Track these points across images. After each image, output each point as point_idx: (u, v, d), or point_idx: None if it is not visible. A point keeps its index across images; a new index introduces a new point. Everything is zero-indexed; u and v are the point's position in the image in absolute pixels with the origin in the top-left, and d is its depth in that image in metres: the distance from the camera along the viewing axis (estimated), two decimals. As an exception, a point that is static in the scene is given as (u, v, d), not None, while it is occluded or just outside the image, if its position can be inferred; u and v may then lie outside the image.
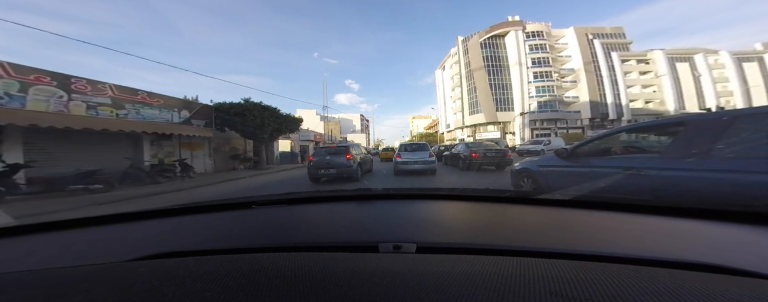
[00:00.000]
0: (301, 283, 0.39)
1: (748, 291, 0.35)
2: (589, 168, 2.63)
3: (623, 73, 39.76)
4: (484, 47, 44.77)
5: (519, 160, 4.33)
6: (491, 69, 43.69)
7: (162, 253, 0.58)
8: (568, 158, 2.86)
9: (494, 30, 44.17)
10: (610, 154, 2.73)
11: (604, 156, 2.77)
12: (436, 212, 0.93)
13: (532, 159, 3.98)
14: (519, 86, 41.15)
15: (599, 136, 2.92)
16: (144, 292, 0.38)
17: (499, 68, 43.79)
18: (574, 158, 2.83)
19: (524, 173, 3.53)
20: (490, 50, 44.60)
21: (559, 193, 0.96)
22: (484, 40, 44.64)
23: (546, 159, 3.60)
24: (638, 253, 0.50)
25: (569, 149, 2.97)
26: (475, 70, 44.41)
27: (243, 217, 0.96)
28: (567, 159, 2.87)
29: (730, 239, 0.61)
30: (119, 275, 0.45)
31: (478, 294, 0.35)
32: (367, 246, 0.59)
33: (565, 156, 2.90)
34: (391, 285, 0.38)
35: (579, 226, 0.75)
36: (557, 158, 3.01)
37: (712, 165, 1.75)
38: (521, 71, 41.39)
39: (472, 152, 9.50)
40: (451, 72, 54.60)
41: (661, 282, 0.37)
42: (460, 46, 49.36)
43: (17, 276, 0.46)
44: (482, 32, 45.20)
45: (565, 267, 0.42)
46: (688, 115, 2.65)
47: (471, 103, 45.91)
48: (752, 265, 0.44)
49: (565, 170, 2.89)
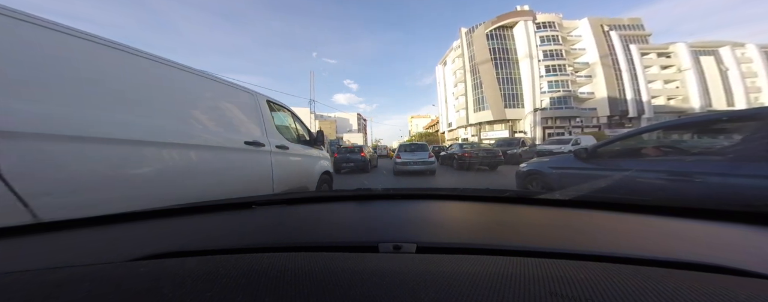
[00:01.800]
0: (301, 283, 0.39)
1: (748, 291, 0.35)
2: (618, 172, 2.24)
3: (644, 67, 36.39)
4: (491, 39, 41.19)
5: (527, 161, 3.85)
6: (498, 62, 40.12)
7: (162, 253, 0.58)
8: (589, 159, 2.50)
9: (501, 20, 40.60)
10: (642, 156, 2.37)
11: (635, 157, 2.41)
12: (436, 212, 0.92)
13: (540, 159, 3.71)
14: (529, 81, 37.64)
15: (628, 133, 2.64)
16: (144, 292, 0.38)
17: (507, 61, 40.22)
18: (596, 159, 2.48)
19: (533, 175, 3.23)
20: (497, 42, 41.03)
21: (559, 193, 0.97)
22: (490, 31, 41.07)
23: (560, 160, 3.21)
24: (638, 253, 0.50)
25: (589, 149, 2.60)
26: (481, 63, 40.82)
27: (243, 217, 0.96)
28: (587, 161, 2.51)
29: (730, 239, 0.62)
30: (119, 275, 0.45)
31: (479, 294, 0.35)
32: (367, 246, 0.59)
33: (585, 156, 2.55)
34: (391, 285, 0.38)
35: (579, 226, 0.75)
36: (575, 159, 2.65)
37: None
38: (532, 64, 37.90)
39: (465, 152, 9.91)
40: (454, 66, 50.94)
41: (661, 282, 0.37)
42: (463, 37, 45.74)
43: (17, 276, 0.46)
44: (488, 23, 41.61)
45: (565, 267, 0.42)
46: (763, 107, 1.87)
47: (476, 99, 42.30)
48: (752, 265, 0.44)
49: (586, 173, 2.48)
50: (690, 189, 1.72)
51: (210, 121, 1.99)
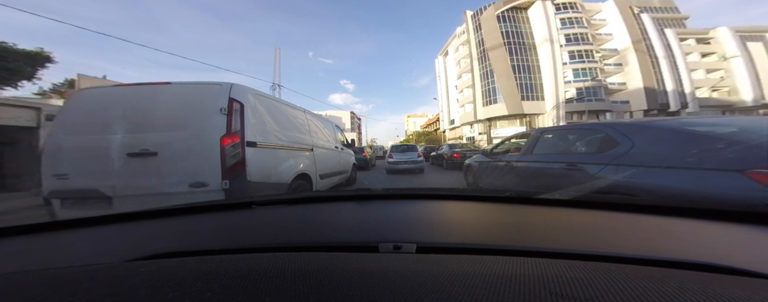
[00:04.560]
0: (301, 283, 0.39)
1: (748, 292, 0.35)
2: (500, 161, 3.58)
3: (683, 54, 31.00)
4: (503, 21, 35.37)
5: None
6: (513, 47, 34.29)
7: (162, 253, 0.58)
8: (489, 156, 4.11)
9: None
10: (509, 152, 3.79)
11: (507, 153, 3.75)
12: (436, 212, 0.92)
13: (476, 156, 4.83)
14: (550, 69, 31.89)
15: (502, 140, 4.32)
16: (144, 292, 0.38)
17: (521, 47, 34.41)
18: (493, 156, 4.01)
19: (469, 168, 4.66)
20: (509, 24, 35.22)
21: (560, 193, 0.98)
22: (501, 13, 35.27)
23: (479, 157, 4.51)
24: (638, 253, 0.50)
25: (488, 150, 4.51)
26: (492, 48, 34.92)
27: (243, 217, 0.95)
28: (489, 156, 4.08)
29: (730, 239, 0.61)
30: (119, 275, 0.45)
31: (478, 293, 0.35)
32: (368, 246, 0.60)
33: (488, 154, 4.24)
34: (391, 285, 0.38)
35: (579, 226, 0.75)
36: (483, 156, 4.34)
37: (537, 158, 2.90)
38: (553, 49, 32.17)
39: (454, 153, 10.35)
40: (457, 55, 44.95)
41: (662, 282, 0.37)
42: (469, 21, 39.82)
43: (17, 276, 0.46)
44: (499, 3, 35.72)
45: (566, 267, 0.42)
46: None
47: (485, 90, 36.34)
48: (752, 265, 0.44)
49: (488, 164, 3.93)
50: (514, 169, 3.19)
51: (327, 137, 4.79)
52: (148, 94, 2.41)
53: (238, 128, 2.28)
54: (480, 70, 37.23)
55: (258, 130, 2.53)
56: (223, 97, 2.32)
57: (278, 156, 2.84)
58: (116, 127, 2.24)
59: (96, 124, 2.30)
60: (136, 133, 2.21)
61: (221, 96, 2.32)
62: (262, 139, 2.55)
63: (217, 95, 2.33)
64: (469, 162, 4.68)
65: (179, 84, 2.45)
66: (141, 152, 2.15)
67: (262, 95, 2.86)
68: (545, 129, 3.22)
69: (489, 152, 4.22)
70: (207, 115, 2.26)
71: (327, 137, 4.76)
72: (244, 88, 2.52)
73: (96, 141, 2.21)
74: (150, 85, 2.47)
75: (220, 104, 2.27)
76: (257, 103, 2.64)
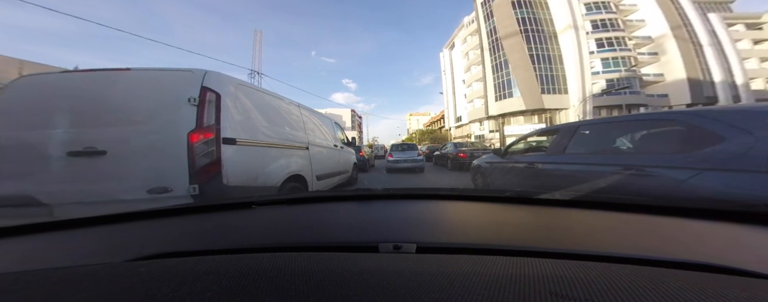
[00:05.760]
0: (301, 283, 0.39)
1: (748, 292, 0.35)
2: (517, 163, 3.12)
3: (732, 40, 26.61)
4: (518, 7, 31.18)
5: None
6: (530, 35, 30.12)
7: (162, 253, 0.58)
8: (504, 156, 3.61)
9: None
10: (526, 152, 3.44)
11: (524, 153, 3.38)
12: (436, 212, 0.92)
13: (486, 156, 4.39)
14: (575, 58, 27.65)
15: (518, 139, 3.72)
16: (144, 292, 0.38)
17: (540, 34, 30.20)
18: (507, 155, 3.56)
19: (478, 169, 4.20)
20: (526, 10, 31.02)
21: (560, 193, 0.97)
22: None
23: (490, 157, 4.07)
24: (638, 253, 0.50)
25: (502, 149, 3.85)
26: (506, 37, 30.78)
27: (243, 217, 0.95)
28: (503, 157, 3.59)
29: (730, 239, 0.61)
30: (119, 275, 0.45)
31: (478, 294, 0.35)
32: (368, 246, 0.60)
33: (501, 154, 3.71)
34: (391, 285, 0.38)
35: (579, 226, 0.75)
36: (495, 156, 3.89)
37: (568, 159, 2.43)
38: (578, 37, 27.93)
39: (460, 152, 10.00)
40: (465, 47, 40.81)
41: (661, 282, 0.37)
42: (479, 9, 35.70)
43: (17, 276, 0.46)
44: (515, -14, 31.69)
45: (565, 267, 0.42)
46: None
47: (498, 84, 32.15)
48: (752, 265, 0.44)
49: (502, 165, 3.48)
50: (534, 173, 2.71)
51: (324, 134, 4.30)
52: (103, 82, 1.99)
53: (211, 122, 1.92)
54: (492, 61, 33.05)
55: (241, 125, 2.21)
56: (193, 85, 1.95)
57: (267, 156, 2.49)
58: (58, 121, 1.87)
59: (34, 117, 1.89)
60: (80, 127, 1.84)
61: (191, 84, 1.95)
62: (245, 135, 2.20)
63: (187, 83, 1.96)
64: (477, 162, 4.32)
65: (142, 70, 2.03)
66: (85, 150, 1.76)
67: (247, 86, 2.50)
68: (582, 122, 2.62)
69: (503, 152, 3.75)
70: (172, 106, 1.90)
71: (325, 134, 4.36)
72: (224, 77, 2.16)
73: (32, 137, 1.81)
74: (106, 72, 2.03)
75: (189, 93, 1.90)
76: (241, 95, 2.30)
